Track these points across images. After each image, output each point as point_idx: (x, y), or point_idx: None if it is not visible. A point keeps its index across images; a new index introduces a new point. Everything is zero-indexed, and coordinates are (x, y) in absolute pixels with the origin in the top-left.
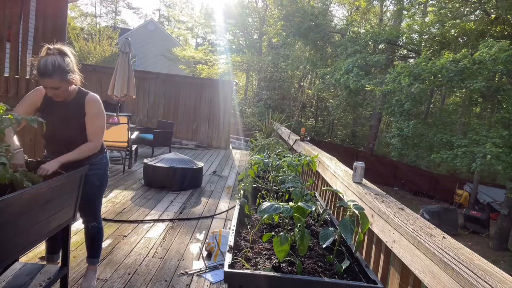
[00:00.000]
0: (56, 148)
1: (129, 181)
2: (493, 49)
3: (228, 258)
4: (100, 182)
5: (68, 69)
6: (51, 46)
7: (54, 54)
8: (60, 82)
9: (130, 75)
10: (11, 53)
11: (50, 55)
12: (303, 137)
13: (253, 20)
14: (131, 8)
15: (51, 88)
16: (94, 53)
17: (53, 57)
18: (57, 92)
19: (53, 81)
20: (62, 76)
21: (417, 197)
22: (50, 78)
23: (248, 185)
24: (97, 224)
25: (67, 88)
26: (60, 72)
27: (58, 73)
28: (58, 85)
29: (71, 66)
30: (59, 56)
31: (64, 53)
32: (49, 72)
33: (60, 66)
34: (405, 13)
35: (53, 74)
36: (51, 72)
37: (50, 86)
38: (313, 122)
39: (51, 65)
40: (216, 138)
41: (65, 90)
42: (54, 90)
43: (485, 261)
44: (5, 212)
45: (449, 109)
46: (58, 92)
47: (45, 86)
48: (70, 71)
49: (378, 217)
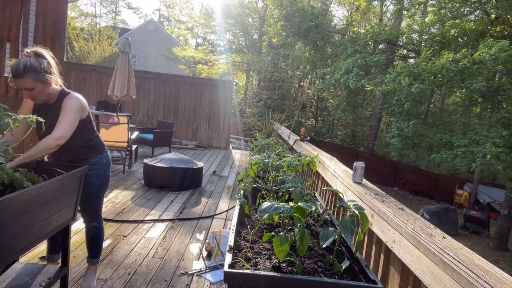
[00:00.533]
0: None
1: (129, 181)
2: (493, 49)
3: (228, 258)
4: (99, 183)
5: (40, 69)
6: (28, 50)
7: (29, 56)
8: (33, 83)
9: (130, 75)
10: (11, 53)
11: (25, 57)
12: (303, 137)
13: (253, 20)
14: (131, 8)
15: (26, 89)
16: (94, 53)
17: (26, 58)
18: (32, 93)
19: (25, 81)
20: (34, 76)
21: (417, 197)
22: (22, 78)
23: (248, 185)
24: (98, 224)
25: (43, 90)
26: (31, 72)
27: (29, 72)
28: (31, 85)
29: (46, 66)
30: (33, 57)
31: (40, 54)
32: (20, 72)
33: (31, 66)
34: (405, 13)
35: (24, 74)
36: (22, 72)
37: (24, 86)
38: (313, 122)
39: (22, 65)
40: (216, 138)
41: (41, 91)
42: (29, 92)
43: (485, 261)
44: (5, 212)
45: (449, 109)
46: (34, 93)
47: (19, 87)
48: (44, 71)
49: (378, 217)
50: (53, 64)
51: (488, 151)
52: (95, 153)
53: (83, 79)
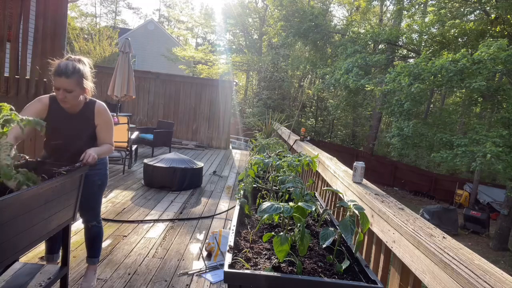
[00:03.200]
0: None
1: (129, 181)
2: (491, 48)
3: (228, 258)
4: (101, 182)
5: (86, 76)
6: (72, 56)
7: (74, 61)
8: (75, 86)
9: (130, 75)
10: (11, 53)
11: (71, 60)
12: (303, 137)
13: (253, 20)
14: (131, 8)
15: (65, 90)
16: (94, 53)
17: (74, 62)
18: (68, 96)
19: (69, 82)
20: (79, 80)
21: (417, 197)
22: (68, 78)
23: (248, 185)
24: (97, 223)
25: (79, 95)
26: (78, 75)
27: (76, 75)
28: (73, 88)
29: (88, 75)
30: (79, 63)
31: (83, 62)
32: (69, 72)
33: (79, 70)
34: (405, 13)
35: (72, 75)
36: (71, 73)
37: (65, 87)
38: (313, 122)
39: (71, 66)
40: (216, 138)
41: (76, 96)
42: (66, 93)
43: (485, 261)
44: (5, 212)
45: (449, 109)
46: (70, 96)
47: (59, 86)
48: (86, 78)
49: (378, 217)
50: (90, 74)
51: (488, 151)
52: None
53: None
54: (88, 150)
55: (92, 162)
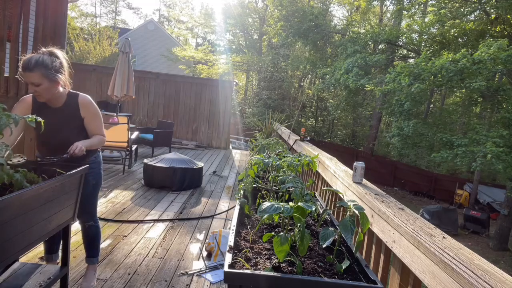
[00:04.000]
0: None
1: (129, 181)
2: (491, 48)
3: (228, 258)
4: (96, 181)
5: (51, 67)
6: (44, 48)
7: (43, 54)
8: (41, 78)
9: (130, 75)
10: (11, 53)
11: (39, 54)
12: (303, 137)
13: (253, 20)
14: (131, 8)
15: (32, 84)
16: (94, 53)
17: (40, 55)
18: (38, 89)
19: (33, 75)
20: (44, 72)
21: (417, 197)
22: (31, 72)
23: (248, 185)
24: (94, 223)
25: (50, 88)
26: (41, 68)
27: (39, 68)
28: (38, 81)
29: (58, 66)
30: (47, 55)
31: (54, 54)
32: (30, 66)
33: (43, 62)
34: (405, 13)
35: (34, 68)
36: (33, 66)
37: (31, 81)
38: (313, 122)
39: (34, 60)
40: (216, 138)
41: (47, 88)
42: (35, 87)
43: (485, 261)
44: (5, 212)
45: (449, 109)
46: (39, 89)
47: (26, 81)
48: (55, 70)
49: (378, 217)
50: (65, 66)
51: (488, 151)
52: (91, 152)
53: (83, 79)
54: (76, 142)
55: (79, 153)
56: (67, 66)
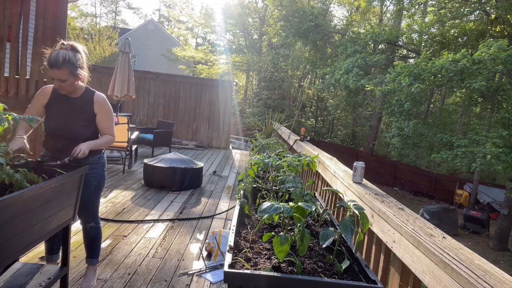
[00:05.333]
0: (58, 145)
1: (129, 181)
2: (491, 48)
3: (228, 258)
4: (98, 182)
5: (77, 64)
6: (65, 42)
7: (66, 49)
8: (68, 75)
9: (130, 75)
10: (11, 53)
11: (63, 49)
12: (303, 137)
13: (253, 20)
14: (131, 8)
15: (58, 79)
16: (94, 53)
17: (65, 51)
18: (63, 85)
19: (61, 72)
20: (71, 70)
21: (417, 197)
22: (59, 70)
23: (248, 185)
24: (95, 224)
25: (74, 83)
26: (69, 66)
27: (67, 66)
28: (66, 78)
29: (81, 62)
30: (71, 51)
31: (76, 49)
32: (59, 64)
33: (70, 60)
34: (405, 13)
35: (62, 66)
36: (61, 64)
37: (58, 77)
38: (313, 122)
39: (61, 57)
40: (216, 138)
41: (71, 84)
42: (61, 83)
43: (485, 261)
44: (5, 212)
45: (449, 109)
46: (64, 85)
47: (53, 77)
48: (79, 66)
49: (378, 217)
50: (85, 61)
51: (488, 151)
52: (94, 152)
53: None
54: (80, 145)
55: (81, 156)
56: (86, 60)
